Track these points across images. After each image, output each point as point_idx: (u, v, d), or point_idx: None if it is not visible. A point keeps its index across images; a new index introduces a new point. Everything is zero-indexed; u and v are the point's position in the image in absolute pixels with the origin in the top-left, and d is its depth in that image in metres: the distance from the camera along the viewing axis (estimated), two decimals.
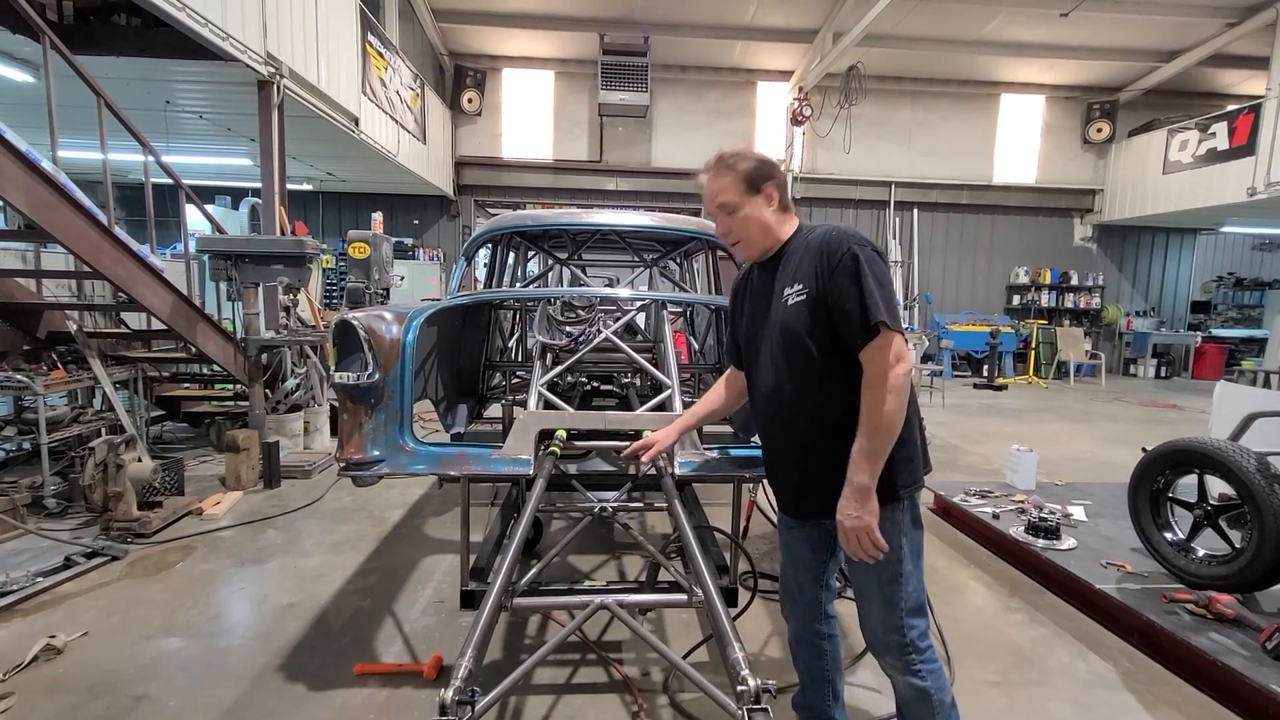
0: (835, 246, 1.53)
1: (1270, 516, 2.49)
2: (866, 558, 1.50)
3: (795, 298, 1.57)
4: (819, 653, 1.87)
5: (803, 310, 1.55)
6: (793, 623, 1.90)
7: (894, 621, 1.59)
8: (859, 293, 1.47)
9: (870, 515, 1.47)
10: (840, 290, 1.49)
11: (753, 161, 1.64)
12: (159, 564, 3.32)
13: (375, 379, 2.16)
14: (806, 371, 1.57)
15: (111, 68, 5.18)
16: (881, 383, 1.44)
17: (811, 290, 1.54)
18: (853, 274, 1.48)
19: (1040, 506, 3.61)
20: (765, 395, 1.69)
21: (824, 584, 1.84)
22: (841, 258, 1.50)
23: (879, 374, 1.45)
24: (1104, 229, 12.56)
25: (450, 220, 11.73)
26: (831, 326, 1.52)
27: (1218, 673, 2.31)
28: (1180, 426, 7.43)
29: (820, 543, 1.78)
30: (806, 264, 1.57)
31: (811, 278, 1.55)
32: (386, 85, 7.80)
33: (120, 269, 4.01)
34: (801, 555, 1.81)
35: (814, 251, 1.56)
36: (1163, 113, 11.54)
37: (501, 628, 2.70)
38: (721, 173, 1.65)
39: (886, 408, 1.43)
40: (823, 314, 1.53)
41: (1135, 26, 9.95)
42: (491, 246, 3.94)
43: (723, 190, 1.64)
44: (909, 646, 1.59)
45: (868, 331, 1.46)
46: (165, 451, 5.23)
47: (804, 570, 1.82)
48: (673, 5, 9.85)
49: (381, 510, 4.18)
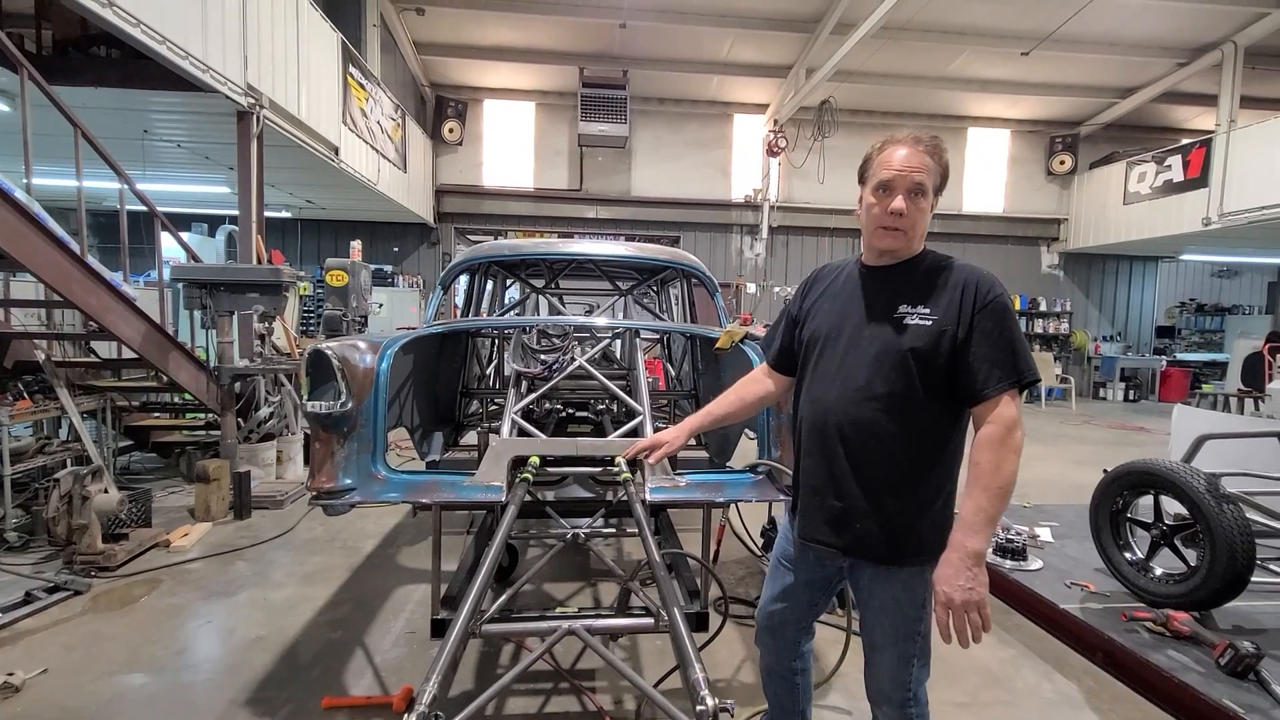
0: (984, 286, 1.44)
1: (1220, 535, 2.59)
2: (964, 640, 1.36)
3: (918, 319, 1.46)
4: (790, 686, 1.83)
5: (923, 335, 1.44)
6: (767, 656, 1.84)
7: (903, 677, 1.55)
8: (1008, 343, 1.40)
9: (983, 587, 1.35)
10: (984, 334, 1.41)
11: (948, 164, 1.53)
12: (123, 598, 3.25)
13: (348, 408, 2.17)
14: (896, 397, 1.46)
15: (89, 98, 5.19)
16: (1009, 441, 1.36)
17: (944, 321, 1.44)
18: (1002, 323, 1.41)
19: (1008, 528, 3.69)
20: (829, 406, 1.53)
21: (806, 626, 1.78)
22: (991, 300, 1.43)
23: (1007, 431, 1.36)
24: (1070, 257, 12.97)
25: (430, 248, 11.78)
26: (949, 363, 1.43)
27: (1175, 689, 2.37)
28: (1146, 448, 7.63)
29: (819, 584, 1.69)
30: (942, 292, 1.47)
31: (947, 308, 1.44)
32: (367, 115, 7.89)
33: (92, 298, 3.98)
34: (795, 593, 1.72)
35: (956, 283, 1.46)
36: (1122, 146, 12.06)
37: (475, 657, 2.69)
38: (931, 153, 1.48)
39: (1011, 468, 1.36)
40: (946, 349, 1.43)
41: (1092, 65, 10.45)
42: (469, 275, 3.99)
43: (925, 170, 1.46)
44: (911, 700, 1.56)
45: (1006, 384, 1.38)
46: (133, 482, 5.13)
47: (792, 609, 1.73)
48: (651, 41, 10.14)
49: (355, 540, 4.13)
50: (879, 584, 1.56)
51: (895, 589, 1.53)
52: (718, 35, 9.91)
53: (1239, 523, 2.60)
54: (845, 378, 1.52)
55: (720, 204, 12.12)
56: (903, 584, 1.52)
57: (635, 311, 4.16)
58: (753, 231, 12.22)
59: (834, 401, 1.52)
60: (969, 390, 1.42)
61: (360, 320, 5.99)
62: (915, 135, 1.49)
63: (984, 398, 1.40)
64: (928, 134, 1.50)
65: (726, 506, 3.02)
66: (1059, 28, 9.20)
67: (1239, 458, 3.24)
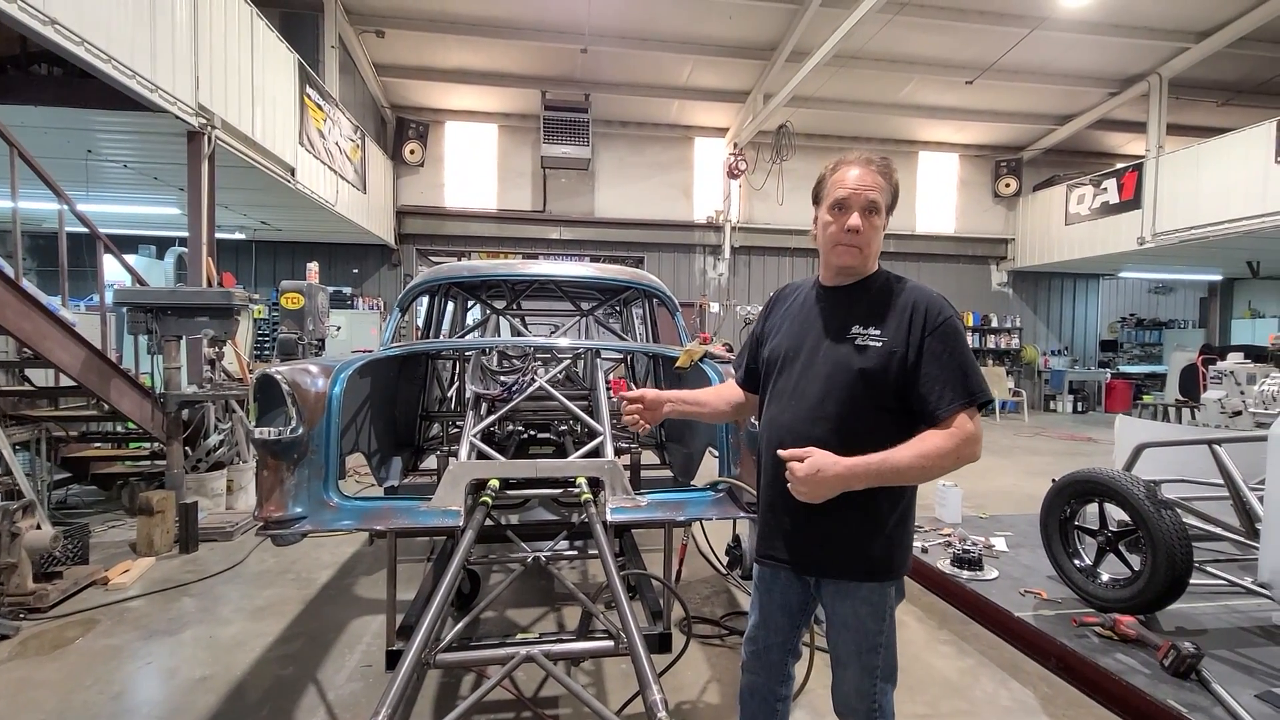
0: (934, 308, 1.47)
1: (1160, 539, 2.70)
2: (800, 489, 1.40)
3: (869, 340, 1.49)
4: (770, 711, 1.80)
5: (872, 357, 1.47)
6: (751, 677, 1.80)
7: (868, 689, 1.56)
8: (958, 364, 1.43)
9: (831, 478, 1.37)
10: (934, 356, 1.44)
11: (899, 184, 1.57)
12: (55, 641, 3.06)
13: (298, 433, 2.11)
14: (847, 418, 1.48)
15: (29, 116, 5.01)
16: (954, 449, 1.38)
17: (894, 343, 1.47)
18: (952, 345, 1.44)
19: (964, 539, 3.78)
20: (783, 425, 1.56)
21: (791, 648, 1.78)
22: (941, 323, 1.45)
23: (957, 444, 1.39)
24: (1018, 275, 13.51)
25: (392, 269, 11.61)
26: (899, 385, 1.46)
27: (1124, 691, 2.44)
28: (1093, 458, 7.92)
29: (795, 607, 1.71)
30: (892, 313, 1.50)
31: (896, 330, 1.47)
32: (325, 136, 7.79)
33: (26, 323, 3.81)
34: (773, 618, 1.72)
35: (905, 305, 1.50)
36: (1062, 169, 12.68)
37: (435, 688, 2.61)
38: (882, 173, 1.52)
39: (936, 462, 1.38)
40: (895, 370, 1.46)
41: (1031, 94, 11.01)
42: (429, 297, 3.94)
43: (878, 189, 1.51)
44: (876, 711, 1.56)
45: (958, 404, 1.40)
46: (69, 517, 4.86)
47: (774, 633, 1.73)
48: (612, 66, 10.30)
49: (309, 571, 3.98)
50: (840, 600, 1.58)
51: (856, 604, 1.55)
52: (678, 61, 10.14)
53: (1177, 527, 2.72)
54: (799, 398, 1.54)
55: (683, 225, 12.29)
56: (863, 599, 1.54)
57: (597, 332, 4.17)
58: (715, 252, 12.40)
59: (788, 421, 1.55)
60: (924, 412, 1.44)
61: (317, 344, 5.85)
62: (867, 156, 1.54)
63: (938, 419, 1.42)
64: (878, 155, 1.55)
65: (688, 525, 3.02)
66: (999, 59, 9.70)
67: (1177, 465, 3.39)
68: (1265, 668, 2.58)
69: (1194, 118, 11.41)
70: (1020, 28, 8.99)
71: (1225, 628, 2.95)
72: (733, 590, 3.66)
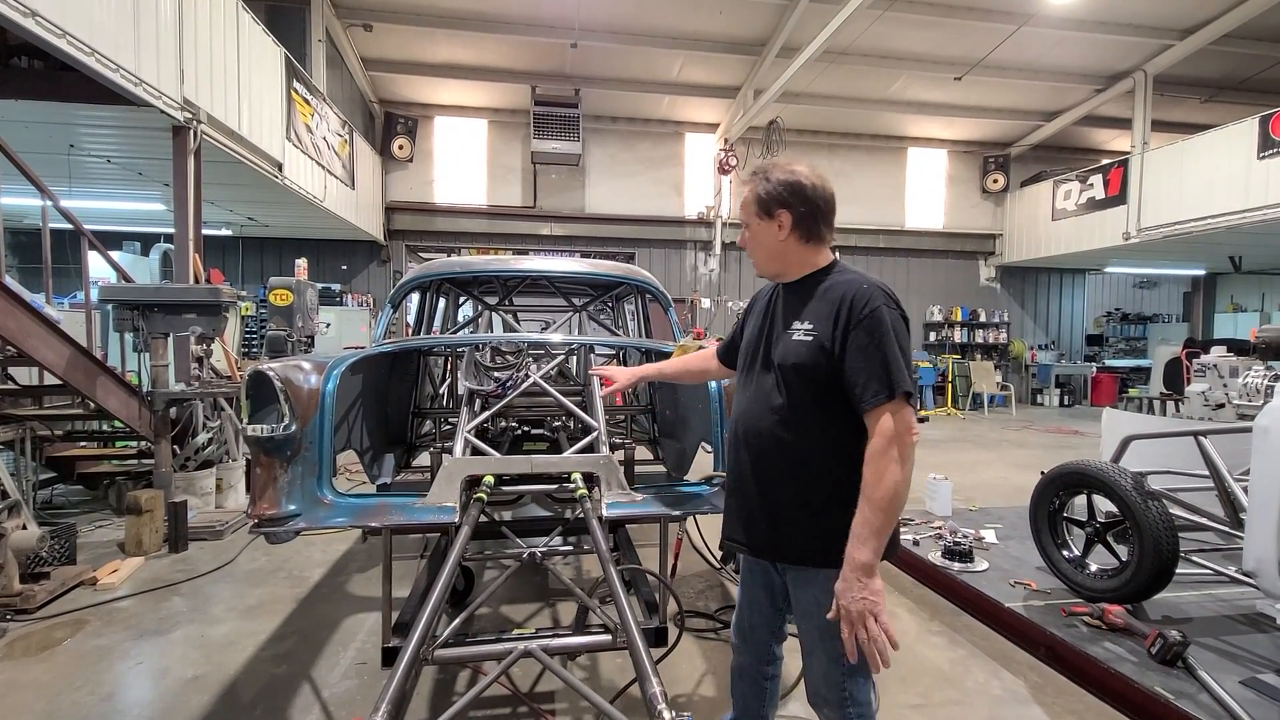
0: (860, 300, 1.45)
1: (1147, 530, 2.74)
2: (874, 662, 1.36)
3: (802, 335, 1.52)
4: (759, 690, 1.86)
5: (803, 350, 1.50)
6: (739, 658, 1.87)
7: (835, 676, 1.55)
8: (881, 356, 1.40)
9: (876, 596, 1.35)
10: (856, 347, 1.43)
11: (774, 185, 1.56)
12: (43, 642, 3.02)
13: (291, 430, 2.10)
14: (789, 408, 1.53)
15: (9, 110, 4.92)
16: (890, 453, 1.36)
17: (821, 335, 1.48)
18: (874, 335, 1.42)
19: (955, 531, 3.81)
20: (745, 417, 1.64)
21: (775, 630, 1.80)
22: (866, 315, 1.43)
23: (888, 443, 1.36)
24: (1005, 270, 13.63)
25: (381, 265, 11.53)
26: (832, 375, 1.47)
27: (1112, 680, 2.48)
28: (1081, 450, 8.02)
29: (777, 589, 1.72)
30: (824, 307, 1.51)
31: (825, 323, 1.49)
32: (313, 131, 7.72)
33: (10, 321, 3.75)
34: (757, 599, 1.77)
35: (835, 298, 1.50)
36: (1049, 166, 12.81)
37: (431, 685, 2.60)
38: (749, 184, 1.61)
39: (893, 479, 1.35)
40: (824, 363, 1.47)
41: (1018, 90, 11.10)
42: (420, 293, 3.92)
43: (743, 203, 1.63)
44: (848, 700, 1.55)
45: (881, 397, 1.38)
46: (56, 517, 4.80)
47: (758, 614, 1.78)
48: (603, 61, 10.26)
49: (302, 569, 3.96)
50: (800, 587, 1.59)
51: (815, 591, 1.54)
52: (668, 56, 10.11)
53: (1163, 518, 2.76)
54: (755, 390, 1.64)
55: (674, 220, 12.29)
56: (820, 586, 1.51)
57: (590, 328, 4.16)
58: (706, 247, 12.41)
59: (743, 411, 1.66)
60: (855, 403, 1.44)
61: (306, 340, 5.80)
62: (752, 170, 1.64)
63: (864, 410, 1.42)
64: (760, 163, 1.64)
65: (683, 519, 3.03)
66: (987, 55, 9.76)
67: (1162, 457, 3.44)
68: (1249, 654, 2.63)
69: (1178, 114, 11.56)
70: (1008, 24, 9.05)
71: (1210, 616, 3.01)
72: (726, 584, 3.68)
